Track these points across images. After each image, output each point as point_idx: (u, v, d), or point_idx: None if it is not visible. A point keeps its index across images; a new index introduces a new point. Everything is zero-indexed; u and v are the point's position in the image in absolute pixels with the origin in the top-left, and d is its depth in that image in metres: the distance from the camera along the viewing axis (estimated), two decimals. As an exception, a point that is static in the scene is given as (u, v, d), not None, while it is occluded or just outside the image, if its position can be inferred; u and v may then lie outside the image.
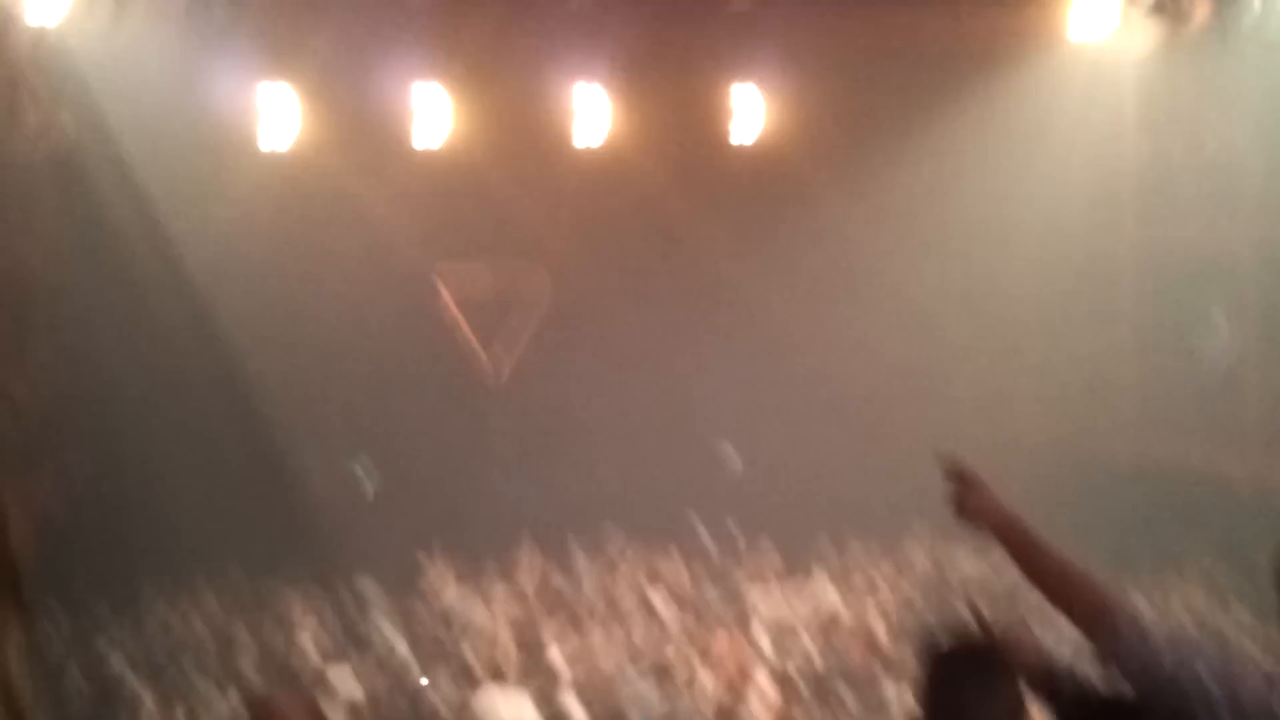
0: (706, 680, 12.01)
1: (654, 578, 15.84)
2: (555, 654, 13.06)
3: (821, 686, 11.97)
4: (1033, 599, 3.72)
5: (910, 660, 12.24)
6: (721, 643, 13.10)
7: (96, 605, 14.49)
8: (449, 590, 15.43)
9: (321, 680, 12.66)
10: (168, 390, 16.99)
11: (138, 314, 16.97)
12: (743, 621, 14.06)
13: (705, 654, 12.70)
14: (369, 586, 15.76)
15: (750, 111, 18.15)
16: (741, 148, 18.29)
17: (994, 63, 17.31)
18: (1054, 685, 3.77)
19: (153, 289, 17.08)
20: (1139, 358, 17.63)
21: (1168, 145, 17.15)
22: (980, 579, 15.22)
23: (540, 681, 12.22)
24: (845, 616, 14.42)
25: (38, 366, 15.63)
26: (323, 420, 18.39)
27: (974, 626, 3.80)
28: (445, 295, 19.67)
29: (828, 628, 13.99)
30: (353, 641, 13.93)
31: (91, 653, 13.14)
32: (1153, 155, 17.39)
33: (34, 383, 15.36)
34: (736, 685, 11.69)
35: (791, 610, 14.44)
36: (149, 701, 12.01)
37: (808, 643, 13.34)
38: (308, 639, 13.83)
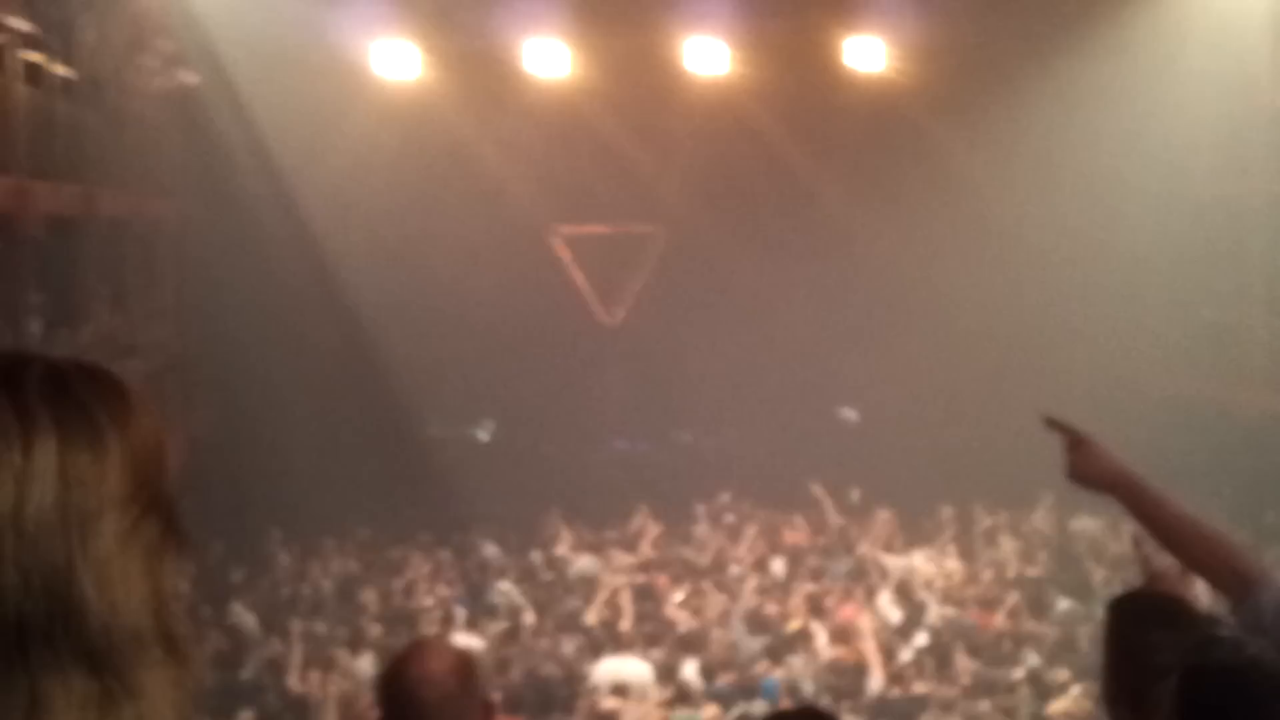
0: (828, 646, 11.94)
1: (774, 541, 15.76)
2: (675, 618, 13.07)
3: (945, 652, 11.83)
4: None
5: (1031, 626, 12.19)
6: (844, 608, 13.00)
7: (224, 560, 14.75)
8: (569, 551, 15.47)
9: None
10: (289, 348, 17.23)
11: (258, 268, 17.20)
12: (865, 587, 13.94)
13: (827, 619, 12.61)
14: (490, 547, 15.88)
15: (870, 58, 17.93)
16: (861, 95, 18.07)
17: (1120, 4, 17.02)
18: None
19: (272, 241, 17.30)
20: (1267, 307, 17.17)
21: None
22: (1107, 544, 14.94)
23: (659, 645, 12.21)
24: (968, 582, 14.28)
25: (165, 316, 15.93)
26: (442, 379, 18.55)
27: (1150, 584, 3.76)
28: (561, 248, 19.74)
29: (951, 593, 13.86)
30: (475, 602, 14.02)
31: (220, 607, 13.36)
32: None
33: (161, 332, 15.66)
34: (859, 650, 11.60)
35: (914, 576, 14.28)
36: (277, 655, 12.21)
37: (931, 608, 13.19)
38: (431, 600, 13.94)
